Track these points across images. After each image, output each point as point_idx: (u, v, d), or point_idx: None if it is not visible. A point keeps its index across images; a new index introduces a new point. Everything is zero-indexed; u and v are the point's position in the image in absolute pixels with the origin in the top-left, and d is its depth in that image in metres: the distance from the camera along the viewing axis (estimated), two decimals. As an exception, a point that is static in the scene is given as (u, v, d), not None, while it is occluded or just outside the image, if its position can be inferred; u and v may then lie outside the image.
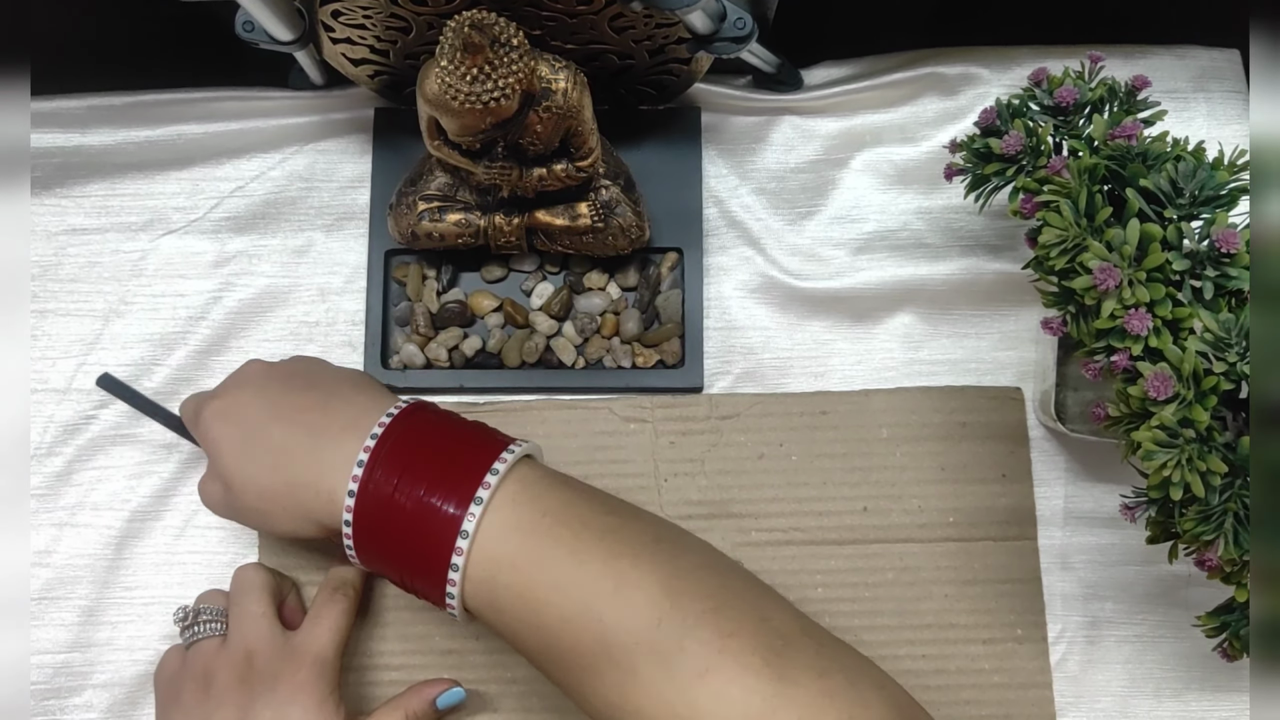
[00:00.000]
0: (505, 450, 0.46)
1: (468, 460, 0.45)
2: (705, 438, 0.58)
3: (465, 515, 0.43)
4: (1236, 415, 0.42)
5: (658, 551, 0.44)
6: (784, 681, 0.40)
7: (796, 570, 0.56)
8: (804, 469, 0.57)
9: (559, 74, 0.49)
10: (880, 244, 0.60)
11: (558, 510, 0.45)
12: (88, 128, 0.61)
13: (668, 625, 0.41)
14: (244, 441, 0.48)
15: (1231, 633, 0.45)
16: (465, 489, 0.44)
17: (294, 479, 0.47)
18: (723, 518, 0.57)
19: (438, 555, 0.44)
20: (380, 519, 0.45)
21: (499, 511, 0.44)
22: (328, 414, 0.48)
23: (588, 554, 0.43)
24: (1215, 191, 0.43)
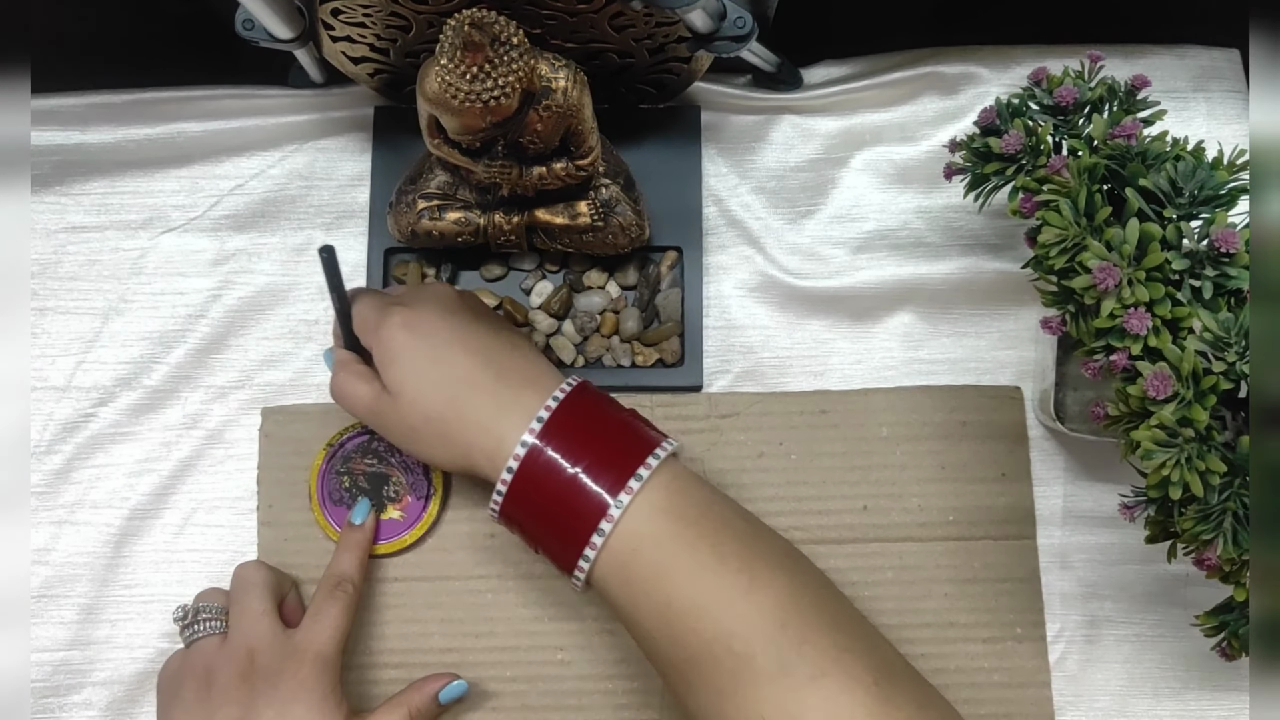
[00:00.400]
0: (660, 445, 0.47)
1: (627, 448, 0.47)
2: (705, 436, 0.58)
3: (616, 498, 0.45)
4: (1236, 415, 0.42)
5: (787, 565, 0.46)
6: (889, 704, 0.42)
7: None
8: (804, 468, 0.57)
9: (559, 72, 0.49)
10: (880, 243, 0.60)
11: (702, 505, 0.46)
12: (87, 125, 0.61)
13: (790, 629, 0.43)
14: (428, 359, 0.47)
15: (1230, 632, 0.45)
16: (621, 473, 0.45)
17: (468, 414, 0.47)
18: None
19: (584, 526, 0.45)
20: (539, 482, 0.46)
21: (651, 494, 0.45)
22: (514, 361, 0.48)
23: (727, 550, 0.45)
24: (1215, 191, 0.43)
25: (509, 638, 0.56)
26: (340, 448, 0.57)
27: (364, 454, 0.57)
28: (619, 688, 0.55)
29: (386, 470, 0.57)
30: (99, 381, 0.59)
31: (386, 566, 0.57)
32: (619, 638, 0.56)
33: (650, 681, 0.55)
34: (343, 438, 0.57)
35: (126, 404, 0.58)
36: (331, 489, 0.57)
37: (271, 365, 0.59)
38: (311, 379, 0.59)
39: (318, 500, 0.56)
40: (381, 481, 0.57)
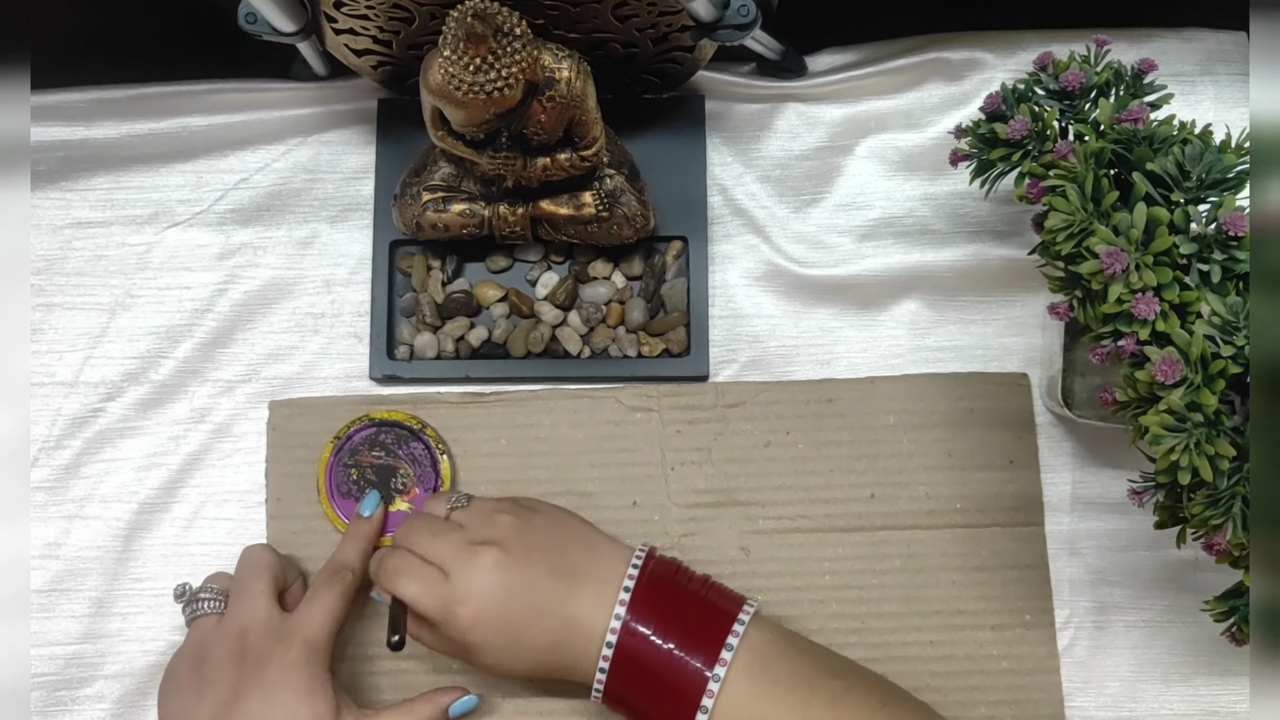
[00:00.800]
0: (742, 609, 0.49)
1: (711, 618, 0.48)
2: (712, 426, 0.58)
3: (712, 672, 0.47)
4: (1244, 399, 0.42)
5: (884, 717, 0.47)
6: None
7: (804, 558, 0.56)
8: (811, 456, 0.57)
9: (562, 63, 0.49)
10: (886, 231, 0.60)
11: (788, 679, 0.47)
12: (92, 121, 0.61)
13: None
14: (507, 645, 0.49)
15: (1239, 617, 0.45)
16: (712, 647, 0.47)
17: (558, 662, 0.49)
18: (729, 506, 0.57)
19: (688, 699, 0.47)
20: (636, 668, 0.48)
21: (735, 681, 0.47)
22: (577, 599, 0.49)
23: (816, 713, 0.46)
24: (1222, 175, 0.43)
25: None
26: (348, 440, 0.57)
27: (371, 446, 0.57)
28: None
29: (394, 462, 0.57)
30: (106, 377, 0.59)
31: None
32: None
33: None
34: (350, 430, 0.57)
35: (134, 399, 0.59)
36: (340, 481, 0.57)
37: (278, 358, 0.59)
38: (319, 372, 0.59)
39: (326, 493, 0.57)
40: (389, 474, 0.57)
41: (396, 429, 0.57)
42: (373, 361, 0.58)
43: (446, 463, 0.57)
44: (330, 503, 0.56)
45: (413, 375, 0.58)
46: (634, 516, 0.57)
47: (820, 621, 0.56)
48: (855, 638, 0.55)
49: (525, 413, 0.58)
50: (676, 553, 0.56)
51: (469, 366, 0.58)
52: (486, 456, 0.58)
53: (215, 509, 0.58)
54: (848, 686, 0.48)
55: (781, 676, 0.47)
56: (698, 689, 0.46)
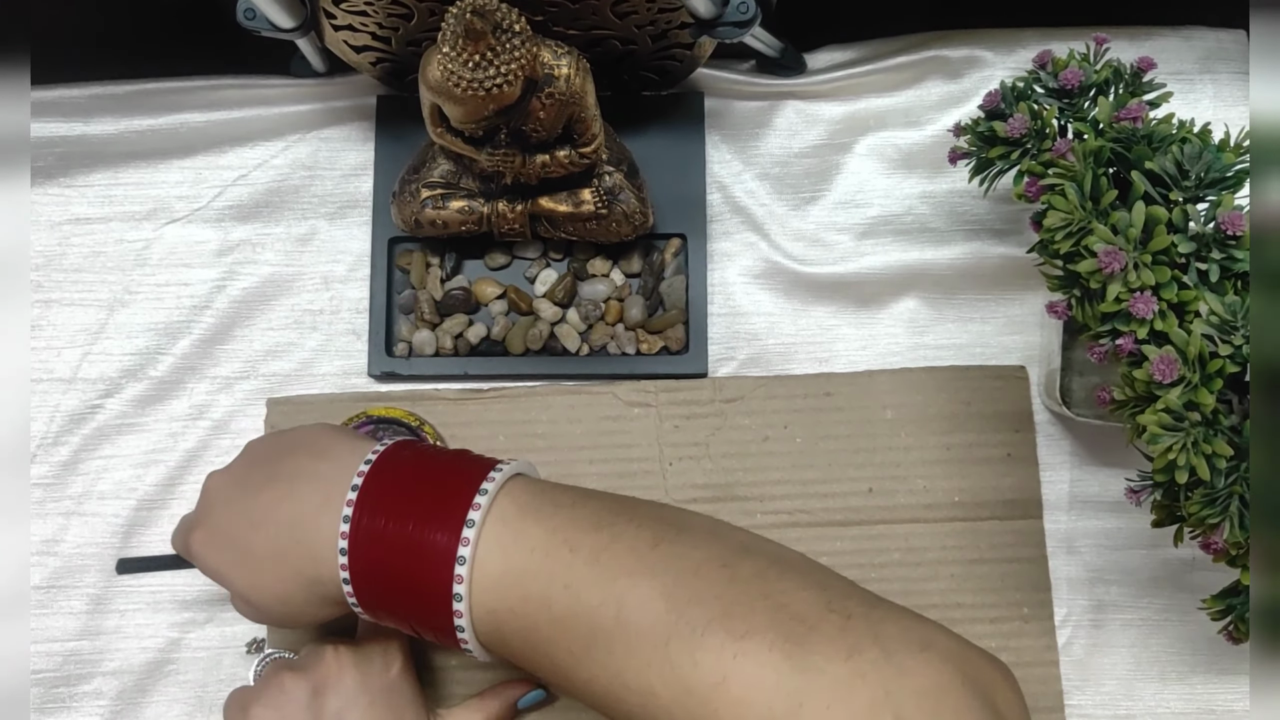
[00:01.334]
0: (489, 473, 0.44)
1: (453, 487, 0.43)
2: (710, 421, 0.58)
3: (459, 542, 0.41)
4: (1242, 398, 0.42)
5: (656, 560, 0.41)
6: (808, 672, 0.37)
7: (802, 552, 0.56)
8: (809, 451, 0.57)
9: (561, 60, 0.49)
10: (884, 229, 0.60)
11: (543, 542, 0.42)
12: (90, 117, 0.61)
13: (676, 642, 0.39)
14: (239, 560, 0.45)
15: (1237, 616, 0.45)
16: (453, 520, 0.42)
17: (298, 573, 0.44)
18: (728, 501, 0.57)
19: (439, 590, 0.42)
20: (375, 566, 0.42)
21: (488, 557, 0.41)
22: (297, 501, 0.44)
23: (582, 585, 0.41)
24: (1221, 174, 0.43)
25: None
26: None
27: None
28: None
29: None
30: (105, 373, 0.59)
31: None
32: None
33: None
34: (349, 427, 0.57)
35: (132, 395, 0.59)
36: None
37: (276, 355, 0.59)
38: (317, 369, 0.59)
39: None
40: None
41: (395, 426, 0.57)
42: (371, 358, 0.58)
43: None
44: None
45: (411, 372, 0.58)
46: None
47: None
48: None
49: (523, 409, 0.58)
50: None
51: (468, 363, 0.58)
52: (484, 453, 0.57)
53: (213, 505, 0.58)
54: (614, 536, 0.42)
55: (538, 542, 0.41)
56: (446, 574, 0.41)
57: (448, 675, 0.56)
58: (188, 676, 0.56)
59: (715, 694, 0.38)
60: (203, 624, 0.57)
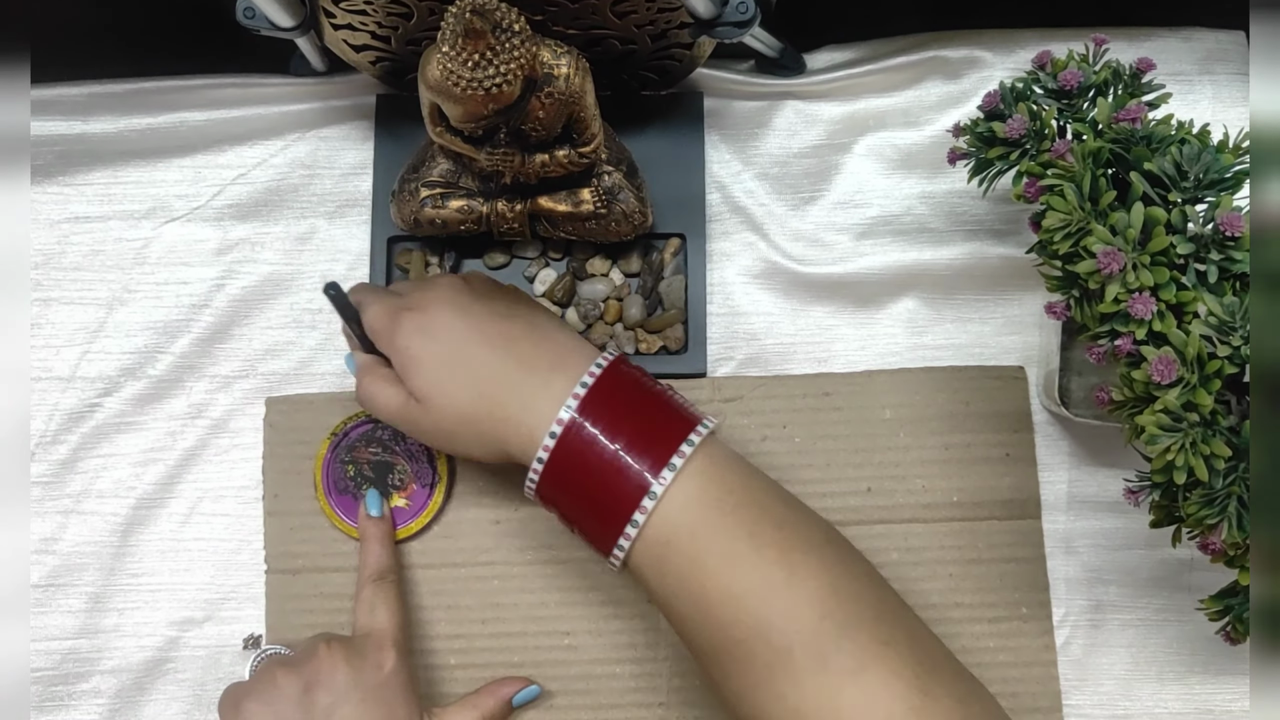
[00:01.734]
0: (700, 424, 0.46)
1: (666, 427, 0.46)
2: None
3: (657, 478, 0.44)
4: (1240, 399, 0.42)
5: (828, 553, 0.45)
6: (929, 696, 0.41)
7: None
8: (807, 451, 0.57)
9: (561, 59, 0.49)
10: (883, 229, 0.60)
11: (740, 491, 0.45)
12: (89, 115, 0.61)
13: (830, 622, 0.42)
14: (449, 361, 0.47)
15: (1235, 616, 0.45)
16: (661, 453, 0.45)
17: (496, 409, 0.46)
18: None
19: (622, 509, 0.44)
20: (575, 465, 0.45)
21: (688, 481, 0.44)
22: (537, 346, 0.47)
23: (765, 539, 0.44)
24: (1220, 175, 0.43)
25: (516, 623, 0.56)
26: (344, 436, 0.57)
27: (368, 442, 0.57)
28: (626, 671, 0.56)
29: (391, 458, 0.57)
30: (103, 371, 0.59)
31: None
32: (626, 621, 0.56)
33: (658, 665, 0.56)
34: (347, 426, 0.57)
35: (131, 394, 0.59)
36: (337, 478, 0.57)
37: (275, 354, 0.59)
38: (316, 368, 0.59)
39: (323, 489, 0.57)
40: (386, 470, 0.57)
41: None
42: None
43: (442, 458, 0.57)
44: (328, 499, 0.56)
45: (410, 371, 0.58)
46: None
47: None
48: None
49: None
50: None
51: (466, 363, 0.58)
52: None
53: (212, 505, 0.58)
54: (799, 517, 0.46)
55: (734, 487, 0.45)
56: (635, 496, 0.44)
57: (444, 674, 0.56)
58: (186, 675, 0.56)
59: (850, 680, 0.41)
60: (201, 623, 0.57)
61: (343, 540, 0.57)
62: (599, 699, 0.55)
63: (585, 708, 0.55)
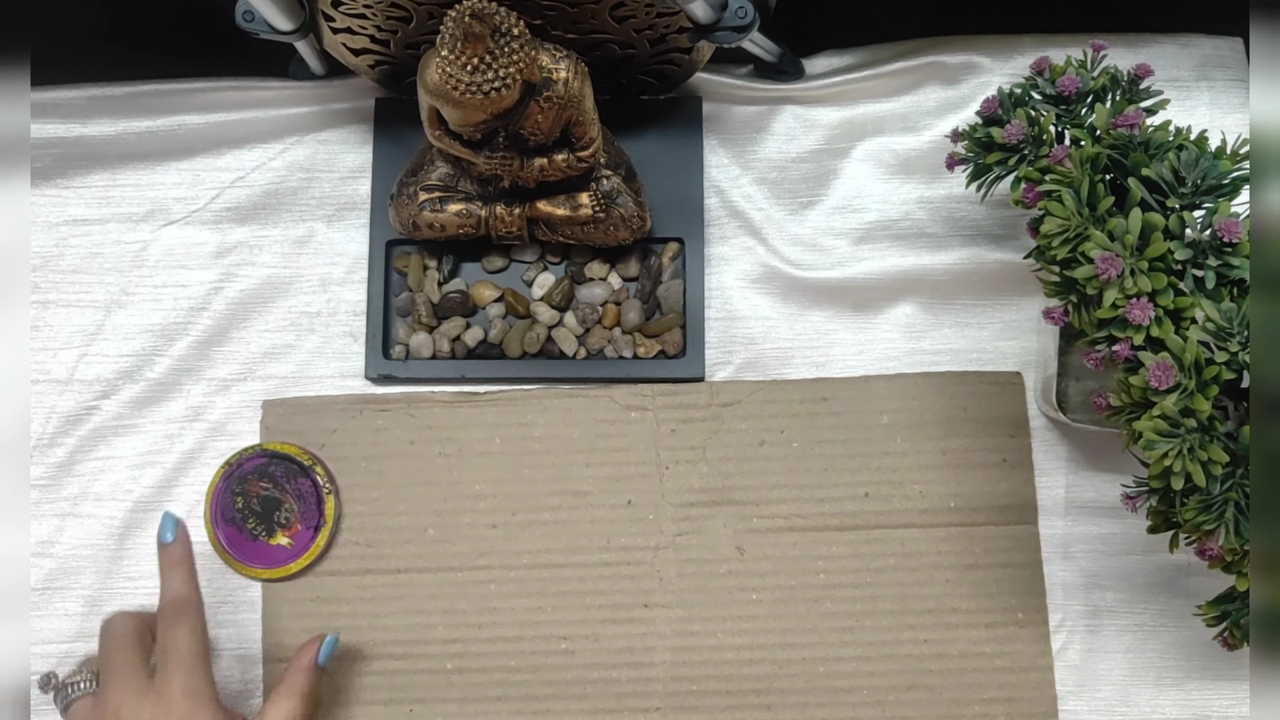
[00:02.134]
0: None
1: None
2: (706, 425, 0.58)
3: None
4: (1238, 405, 0.42)
5: None
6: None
7: (798, 556, 0.56)
8: (805, 455, 0.57)
9: (560, 64, 0.49)
10: (882, 234, 0.60)
11: None
12: (88, 118, 0.61)
13: None
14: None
15: (1232, 622, 0.45)
16: None
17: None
18: (724, 505, 0.57)
19: None
20: None
21: None
22: None
23: None
24: (1217, 181, 0.43)
25: (512, 628, 0.56)
26: (239, 467, 0.57)
27: (260, 476, 0.57)
28: (623, 676, 0.56)
29: (280, 496, 0.57)
30: (101, 374, 0.59)
31: (389, 558, 0.57)
32: (622, 626, 0.56)
33: (654, 670, 0.56)
34: (242, 457, 0.57)
35: (129, 397, 0.58)
36: (225, 508, 0.57)
37: (274, 357, 0.59)
38: (314, 371, 0.59)
39: (210, 518, 0.57)
40: (275, 506, 0.57)
41: (287, 462, 0.57)
42: (368, 361, 0.58)
43: (332, 502, 0.56)
44: (214, 529, 0.56)
45: (408, 375, 0.58)
46: (629, 515, 0.57)
47: (815, 620, 0.56)
48: (850, 636, 0.56)
49: (519, 412, 0.58)
50: (671, 551, 0.56)
51: (465, 366, 0.58)
52: (481, 456, 0.58)
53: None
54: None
55: None
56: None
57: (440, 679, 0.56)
58: (183, 679, 0.56)
59: None
60: (198, 626, 0.57)
61: (339, 544, 0.57)
62: (595, 704, 0.55)
63: (581, 712, 0.55)
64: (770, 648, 0.56)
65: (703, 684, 0.56)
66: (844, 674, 0.55)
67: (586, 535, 0.57)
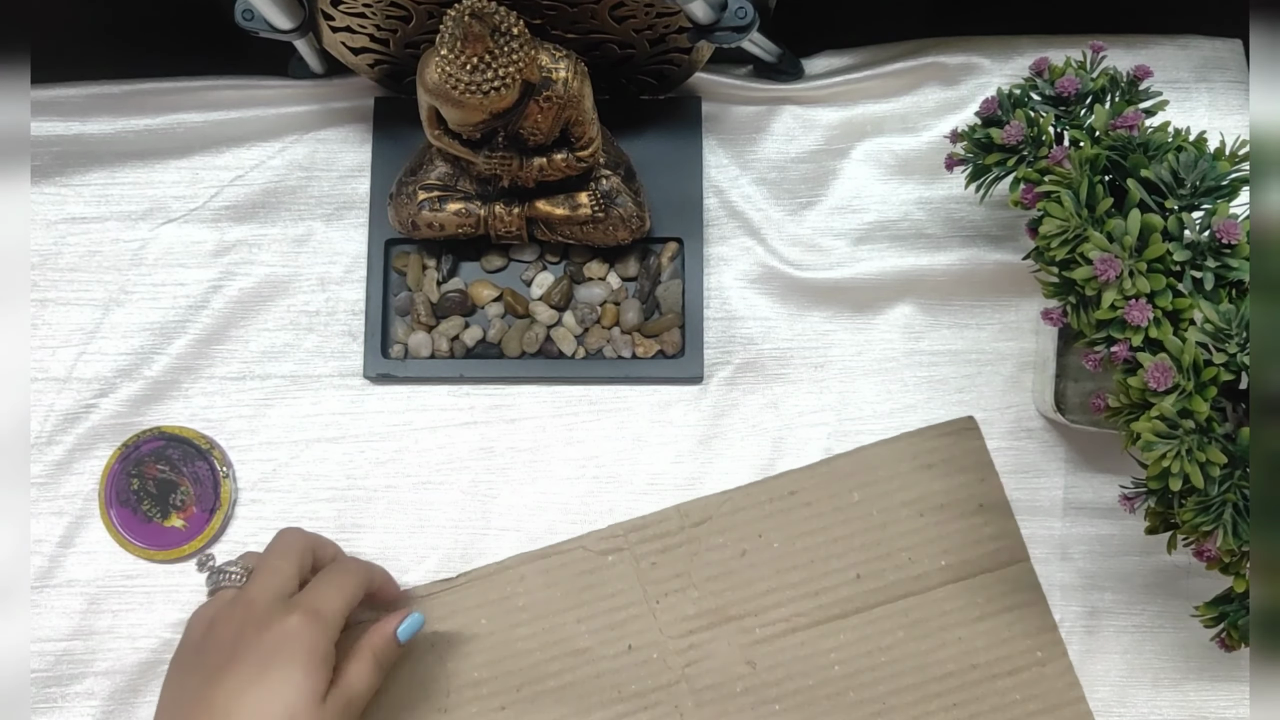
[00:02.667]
0: None
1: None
2: (684, 549, 0.57)
3: None
4: (1236, 406, 0.42)
5: None
6: None
7: (809, 655, 0.55)
8: (789, 554, 0.57)
9: (559, 63, 0.49)
10: (881, 234, 0.60)
11: None
12: (87, 116, 0.61)
13: None
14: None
15: (1230, 623, 0.45)
16: None
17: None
18: (723, 624, 0.56)
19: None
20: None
21: None
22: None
23: None
24: (1216, 182, 0.43)
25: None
26: (135, 449, 0.57)
27: (157, 459, 0.57)
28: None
29: (177, 479, 0.57)
30: (100, 373, 0.59)
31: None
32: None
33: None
34: (140, 440, 0.57)
35: (127, 395, 0.58)
36: (120, 489, 0.57)
37: (272, 356, 0.59)
38: (312, 370, 0.59)
39: (104, 499, 0.57)
40: (170, 489, 0.57)
41: (185, 445, 0.57)
42: (367, 360, 0.58)
43: (228, 485, 0.56)
44: (108, 510, 0.57)
45: (407, 374, 0.58)
46: (632, 660, 0.55)
47: (842, 713, 0.55)
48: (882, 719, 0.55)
49: (498, 586, 0.56)
50: (684, 684, 0.55)
51: (463, 366, 0.58)
52: (471, 640, 0.56)
53: (208, 506, 0.58)
54: None
55: None
56: None
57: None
58: (180, 677, 0.56)
59: None
60: (196, 625, 0.57)
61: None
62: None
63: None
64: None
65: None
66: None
67: (597, 691, 0.55)
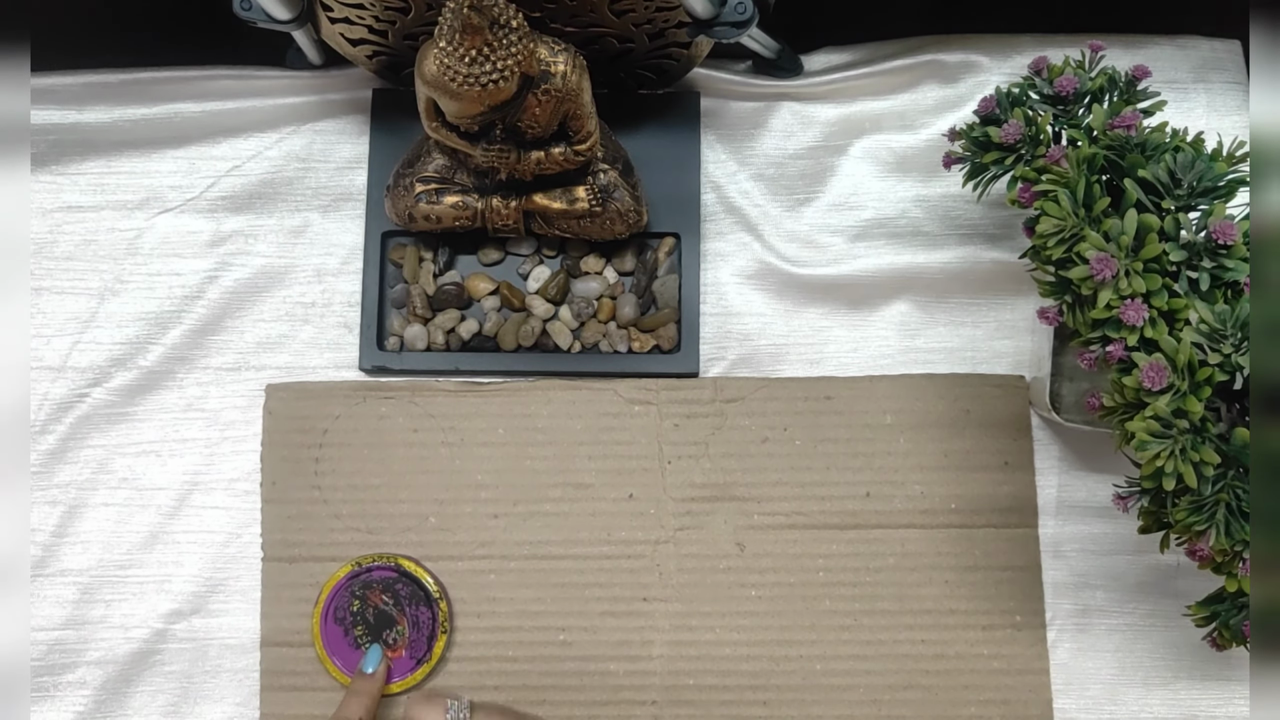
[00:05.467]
0: None
1: None
2: (709, 421, 0.58)
3: None
4: (1230, 406, 0.42)
5: None
6: None
7: (798, 554, 0.56)
8: (807, 453, 0.57)
9: (558, 57, 0.49)
10: (878, 231, 0.60)
11: None
12: (84, 105, 0.61)
13: None
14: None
15: (1221, 622, 0.45)
16: None
17: None
18: (725, 501, 0.57)
19: None
20: None
21: None
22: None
23: None
24: (1213, 183, 0.43)
25: (510, 618, 0.56)
26: (367, 571, 0.56)
27: (385, 589, 0.56)
28: (620, 669, 0.56)
29: (398, 616, 0.56)
30: (94, 362, 0.59)
31: (389, 545, 0.57)
32: (620, 619, 0.56)
33: (651, 663, 0.56)
34: (372, 564, 0.56)
35: (122, 384, 0.58)
36: (339, 606, 0.56)
37: (268, 347, 0.59)
38: (308, 361, 0.59)
39: (322, 608, 0.55)
40: (387, 623, 0.56)
41: (415, 585, 0.56)
42: (362, 352, 0.58)
43: (443, 640, 0.55)
44: (321, 621, 0.55)
45: (402, 366, 0.58)
46: (630, 509, 0.57)
47: (813, 618, 0.56)
48: (848, 635, 0.56)
49: (523, 403, 0.58)
50: (672, 545, 0.56)
51: (459, 359, 0.58)
52: (484, 446, 0.58)
53: (202, 496, 0.58)
54: None
55: None
56: None
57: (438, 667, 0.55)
58: (173, 667, 0.56)
59: None
60: (188, 615, 0.57)
61: (341, 530, 0.57)
62: (591, 696, 0.55)
63: (577, 704, 0.55)
64: (768, 644, 0.56)
65: (699, 679, 0.56)
66: (841, 672, 0.56)
67: (587, 528, 0.57)
